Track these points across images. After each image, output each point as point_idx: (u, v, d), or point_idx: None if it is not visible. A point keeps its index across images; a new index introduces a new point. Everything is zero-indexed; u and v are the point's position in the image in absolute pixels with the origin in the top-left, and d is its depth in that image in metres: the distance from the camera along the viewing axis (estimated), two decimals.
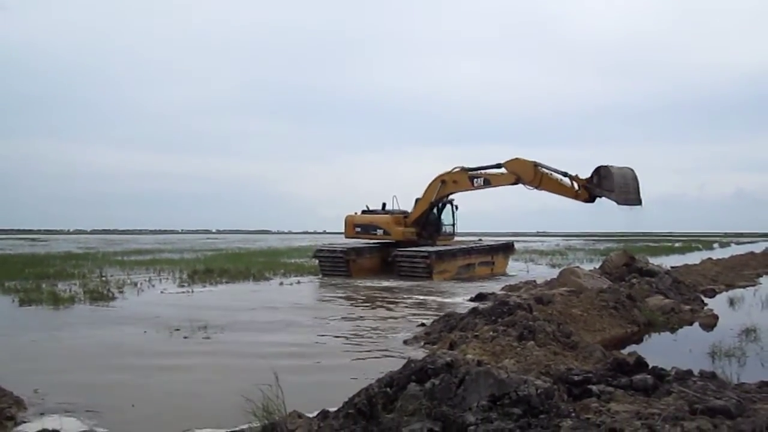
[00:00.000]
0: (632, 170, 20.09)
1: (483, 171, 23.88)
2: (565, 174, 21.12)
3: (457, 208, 27.90)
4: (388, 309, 15.45)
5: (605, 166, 20.09)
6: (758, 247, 48.19)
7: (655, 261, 23.57)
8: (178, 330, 11.38)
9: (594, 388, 4.94)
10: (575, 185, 20.78)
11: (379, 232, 26.71)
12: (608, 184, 19.83)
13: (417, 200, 26.73)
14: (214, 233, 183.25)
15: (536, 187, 21.86)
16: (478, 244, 28.56)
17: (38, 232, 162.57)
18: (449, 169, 24.97)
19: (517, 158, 22.39)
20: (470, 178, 24.25)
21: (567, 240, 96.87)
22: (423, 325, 11.95)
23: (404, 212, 26.99)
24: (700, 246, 63.90)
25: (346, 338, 11.03)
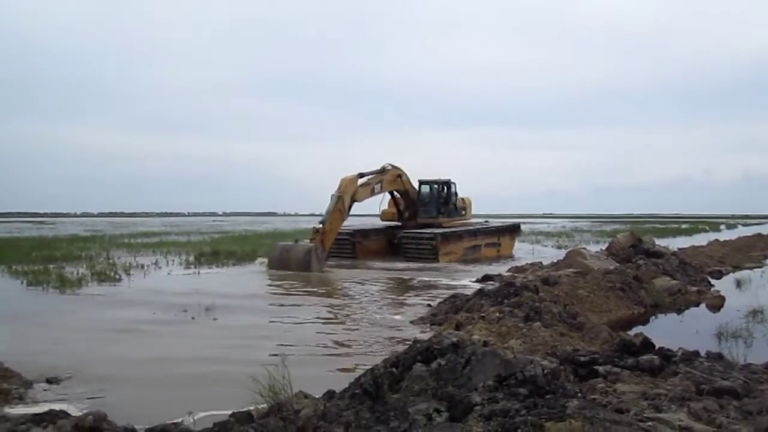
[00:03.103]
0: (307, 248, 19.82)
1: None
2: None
3: (444, 188, 27.26)
4: (394, 289, 15.48)
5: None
6: (765, 229, 48.03)
7: (661, 242, 23.48)
8: (185, 311, 11.42)
9: (600, 368, 4.94)
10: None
11: None
12: None
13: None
14: (220, 215, 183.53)
15: None
16: (484, 226, 28.50)
17: (45, 215, 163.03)
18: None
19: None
20: None
21: (573, 222, 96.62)
22: (429, 305, 11.97)
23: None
24: (707, 228, 63.64)
25: (352, 317, 11.05)
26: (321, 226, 21.08)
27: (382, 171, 24.39)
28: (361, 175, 23.28)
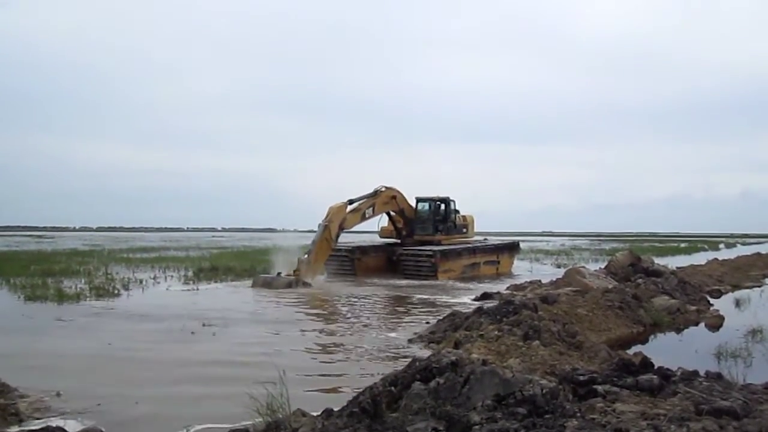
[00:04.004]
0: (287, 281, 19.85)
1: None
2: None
3: (441, 206, 27.17)
4: (392, 307, 15.45)
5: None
6: (765, 248, 48.06)
7: (660, 261, 23.49)
8: (183, 327, 11.39)
9: (599, 388, 4.92)
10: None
11: None
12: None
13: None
14: (219, 231, 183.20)
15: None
16: (483, 244, 28.50)
17: (44, 229, 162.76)
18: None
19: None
20: None
21: (572, 240, 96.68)
22: (428, 323, 11.95)
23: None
24: (706, 246, 63.65)
25: (350, 335, 11.03)
26: (306, 256, 21.08)
27: (375, 194, 24.41)
28: (351, 202, 23.33)
